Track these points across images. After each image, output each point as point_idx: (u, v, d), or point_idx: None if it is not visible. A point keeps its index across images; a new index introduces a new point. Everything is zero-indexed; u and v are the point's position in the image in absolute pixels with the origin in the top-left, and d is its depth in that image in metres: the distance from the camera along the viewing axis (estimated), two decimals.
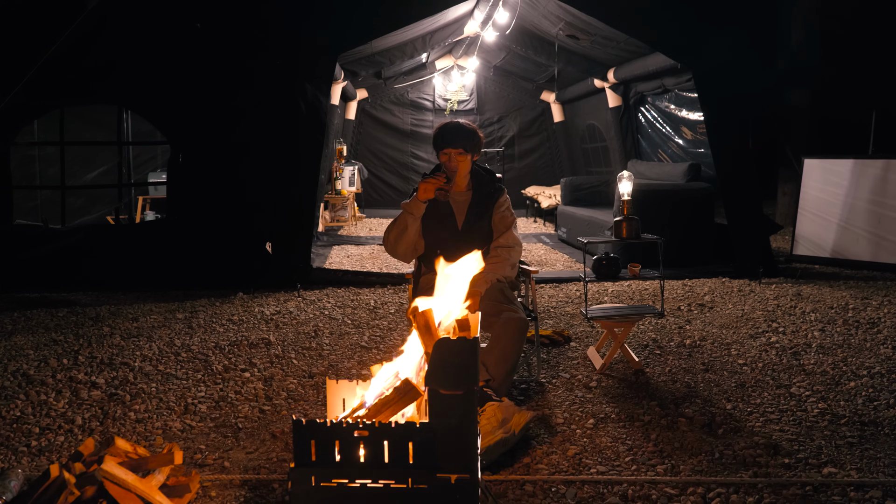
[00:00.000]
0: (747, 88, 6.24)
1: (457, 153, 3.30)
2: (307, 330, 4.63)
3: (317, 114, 6.01)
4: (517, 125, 12.43)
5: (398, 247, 3.33)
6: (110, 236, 6.66)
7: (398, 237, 3.30)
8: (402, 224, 3.28)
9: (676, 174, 7.66)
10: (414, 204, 3.25)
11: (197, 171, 6.02)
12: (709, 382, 3.59)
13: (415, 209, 3.25)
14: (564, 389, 3.52)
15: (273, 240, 6.05)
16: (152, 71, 5.94)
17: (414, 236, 3.30)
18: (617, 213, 5.98)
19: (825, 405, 3.25)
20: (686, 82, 7.49)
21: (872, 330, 4.42)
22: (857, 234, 6.58)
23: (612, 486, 2.51)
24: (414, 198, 3.24)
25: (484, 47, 10.57)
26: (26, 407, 3.28)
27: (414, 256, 3.44)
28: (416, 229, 3.29)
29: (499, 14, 8.32)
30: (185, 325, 4.72)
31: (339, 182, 10.32)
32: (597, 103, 10.23)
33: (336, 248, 8.43)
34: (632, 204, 4.04)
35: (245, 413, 3.23)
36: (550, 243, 8.70)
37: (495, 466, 2.65)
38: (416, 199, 3.23)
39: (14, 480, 2.24)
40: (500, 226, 3.40)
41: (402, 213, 3.29)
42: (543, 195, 10.49)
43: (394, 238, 3.32)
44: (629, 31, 6.66)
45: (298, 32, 5.96)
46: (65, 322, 4.82)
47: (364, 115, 12.03)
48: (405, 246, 3.32)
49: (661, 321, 4.75)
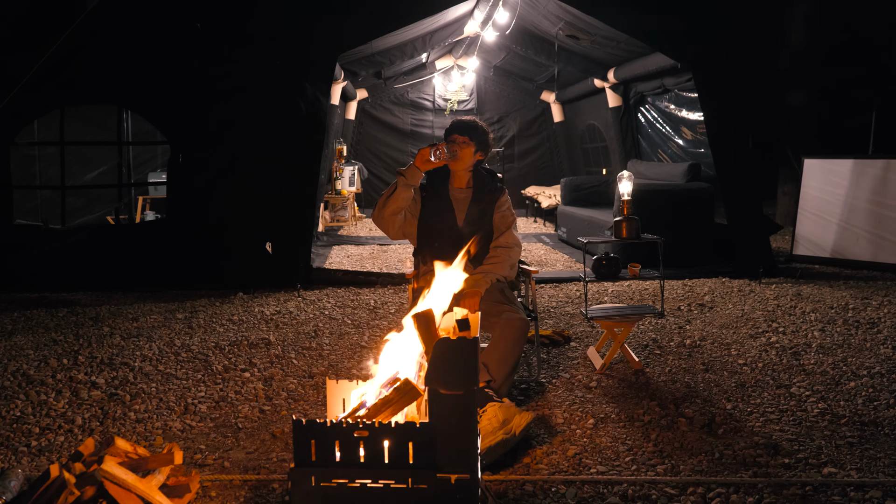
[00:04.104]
0: (747, 88, 6.24)
1: (462, 140, 3.30)
2: (307, 330, 4.63)
3: (317, 114, 6.01)
4: (517, 125, 12.42)
5: (385, 209, 3.25)
6: (110, 236, 6.66)
7: (386, 199, 3.23)
8: (392, 187, 3.22)
9: (676, 174, 7.66)
10: (409, 169, 3.19)
11: (197, 171, 6.02)
12: (709, 382, 3.59)
13: (409, 175, 3.19)
14: (564, 389, 3.52)
15: (273, 240, 6.05)
16: (152, 71, 5.94)
17: (402, 203, 3.23)
18: (617, 213, 5.97)
19: (825, 405, 3.25)
20: (686, 82, 7.49)
21: (872, 330, 4.42)
22: (857, 234, 6.58)
23: (612, 486, 2.51)
24: (411, 164, 3.20)
25: (484, 47, 10.57)
26: (26, 407, 3.28)
27: (400, 233, 3.35)
28: (406, 196, 3.22)
29: (499, 14, 8.31)
30: (185, 325, 4.72)
31: (339, 182, 10.32)
32: (597, 103, 10.23)
33: (336, 248, 8.43)
34: (632, 204, 4.04)
35: (245, 413, 3.23)
36: (550, 243, 8.70)
37: (495, 466, 2.65)
38: (412, 165, 3.18)
39: (14, 480, 2.24)
40: (500, 225, 3.40)
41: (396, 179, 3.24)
42: (543, 195, 10.49)
43: (382, 201, 3.25)
44: (629, 31, 6.66)
45: (298, 32, 5.96)
46: (65, 322, 4.82)
47: (364, 115, 12.02)
48: (391, 209, 3.23)
49: (661, 321, 4.75)
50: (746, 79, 6.20)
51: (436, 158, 3.18)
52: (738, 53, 6.18)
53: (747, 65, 6.24)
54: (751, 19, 6.39)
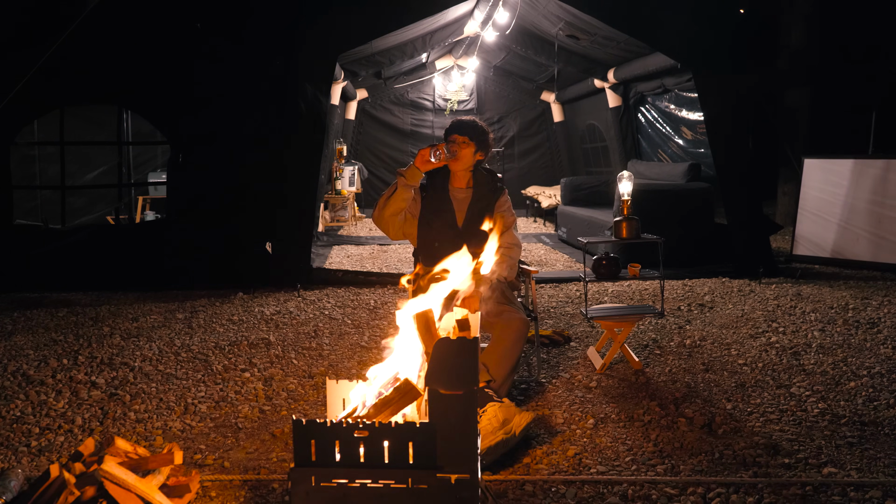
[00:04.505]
0: (747, 88, 6.24)
1: (462, 140, 3.31)
2: (307, 330, 4.63)
3: (317, 114, 6.01)
4: (517, 125, 12.42)
5: (385, 210, 3.26)
6: (110, 236, 6.66)
7: (386, 200, 3.25)
8: (392, 188, 3.23)
9: (676, 174, 7.66)
10: (409, 170, 3.19)
11: (197, 171, 6.02)
12: (709, 382, 3.59)
13: (409, 175, 3.19)
14: (564, 389, 3.52)
15: (273, 240, 6.05)
16: (152, 71, 5.93)
17: (402, 204, 3.24)
18: (617, 213, 5.97)
19: (825, 405, 3.25)
20: (686, 82, 7.49)
21: (872, 330, 4.42)
22: (857, 234, 6.58)
23: (612, 486, 2.51)
24: (411, 165, 3.20)
25: (484, 47, 10.56)
26: (26, 407, 3.28)
27: (400, 233, 3.37)
28: (406, 197, 3.23)
29: (499, 14, 8.31)
30: (185, 325, 4.72)
31: (339, 182, 10.31)
32: (597, 103, 10.22)
33: (336, 248, 8.43)
34: (632, 204, 4.04)
35: (245, 413, 3.23)
36: (550, 243, 8.70)
37: (495, 466, 2.65)
38: (412, 166, 3.18)
39: (14, 480, 2.24)
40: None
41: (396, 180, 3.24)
42: (543, 195, 10.49)
43: (382, 202, 3.27)
44: (629, 31, 6.66)
45: (298, 32, 5.96)
46: (65, 322, 4.82)
47: (364, 115, 12.02)
48: (391, 210, 3.25)
49: (661, 321, 4.75)
50: (746, 79, 6.20)
51: (435, 159, 3.18)
52: (738, 53, 6.18)
53: (747, 65, 6.23)
54: (750, 19, 6.38)
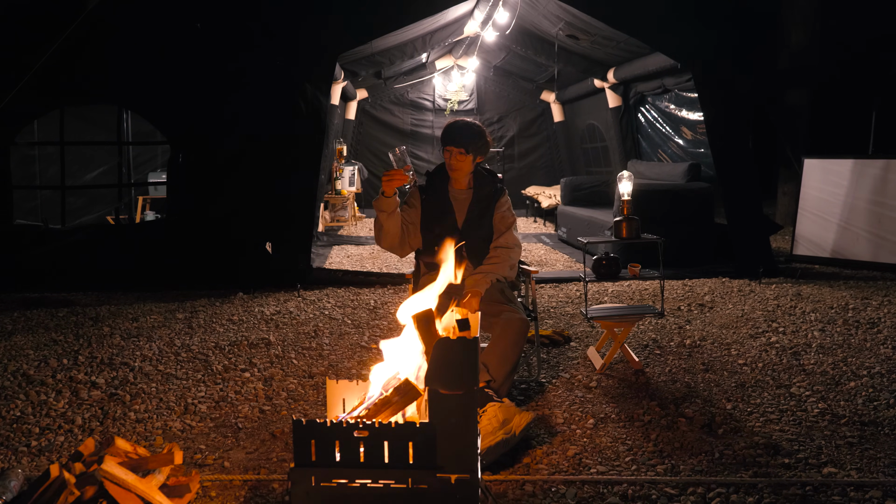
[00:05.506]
0: (747, 88, 6.24)
1: (458, 152, 3.30)
2: (307, 330, 4.63)
3: (317, 114, 6.01)
4: (517, 125, 12.42)
5: (383, 242, 3.34)
6: (110, 236, 6.66)
7: (378, 233, 3.32)
8: (378, 222, 3.29)
9: (676, 174, 7.66)
10: (381, 200, 3.21)
11: (197, 171, 6.02)
12: (709, 382, 3.59)
13: (384, 205, 3.21)
14: (564, 389, 3.52)
15: (273, 240, 6.05)
16: (152, 71, 5.94)
17: (394, 229, 3.28)
18: (617, 213, 5.97)
19: (825, 405, 3.25)
20: (686, 82, 7.49)
21: (872, 330, 4.42)
22: (857, 234, 6.58)
23: (612, 486, 2.51)
24: (380, 195, 3.21)
25: (484, 47, 10.57)
26: (26, 407, 3.28)
27: (407, 248, 3.41)
28: (393, 224, 3.26)
29: (499, 14, 8.31)
30: (185, 325, 4.72)
31: (339, 182, 10.31)
32: (597, 103, 10.22)
33: (336, 248, 8.43)
34: (632, 204, 4.04)
35: (245, 413, 3.23)
36: (550, 243, 8.70)
37: (495, 466, 2.65)
38: (381, 195, 3.19)
39: (14, 480, 2.24)
40: (500, 226, 3.40)
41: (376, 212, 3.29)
42: (543, 195, 10.49)
43: (376, 236, 3.35)
44: (629, 31, 6.66)
45: (298, 32, 5.96)
46: (65, 322, 4.82)
47: (364, 115, 12.02)
48: (389, 240, 3.32)
49: (661, 321, 4.75)
50: (746, 79, 6.20)
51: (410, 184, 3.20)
52: (738, 53, 6.18)
53: (747, 65, 6.24)
54: (750, 19, 6.38)
